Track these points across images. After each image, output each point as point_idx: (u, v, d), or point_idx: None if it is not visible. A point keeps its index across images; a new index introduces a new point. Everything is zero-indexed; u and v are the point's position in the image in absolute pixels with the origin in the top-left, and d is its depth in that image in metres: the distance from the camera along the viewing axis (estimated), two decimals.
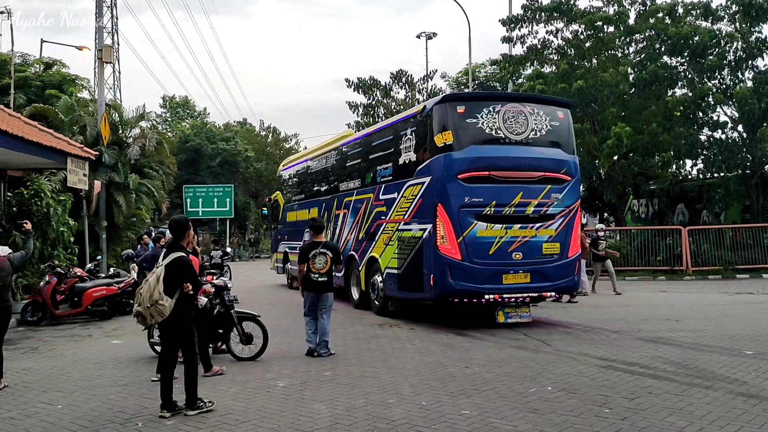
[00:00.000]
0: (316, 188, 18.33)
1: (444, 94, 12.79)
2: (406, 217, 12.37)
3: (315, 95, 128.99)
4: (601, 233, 18.11)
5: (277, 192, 22.89)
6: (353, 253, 14.59)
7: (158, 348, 9.52)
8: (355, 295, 14.95)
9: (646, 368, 8.05)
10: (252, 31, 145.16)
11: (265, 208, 25.54)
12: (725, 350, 9.09)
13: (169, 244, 7.00)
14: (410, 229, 12.19)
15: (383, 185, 13.53)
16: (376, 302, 13.75)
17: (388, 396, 7.01)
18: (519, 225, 11.42)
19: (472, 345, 10.09)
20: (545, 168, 11.68)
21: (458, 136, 11.36)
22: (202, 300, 9.26)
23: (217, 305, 9.29)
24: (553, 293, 11.81)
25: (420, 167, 11.98)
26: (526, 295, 11.48)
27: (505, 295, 11.34)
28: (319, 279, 9.52)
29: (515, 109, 11.70)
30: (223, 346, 9.42)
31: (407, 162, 12.55)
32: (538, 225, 11.54)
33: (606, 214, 30.10)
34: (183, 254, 6.68)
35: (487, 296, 11.22)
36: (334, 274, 9.90)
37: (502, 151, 11.50)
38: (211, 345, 9.51)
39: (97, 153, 17.50)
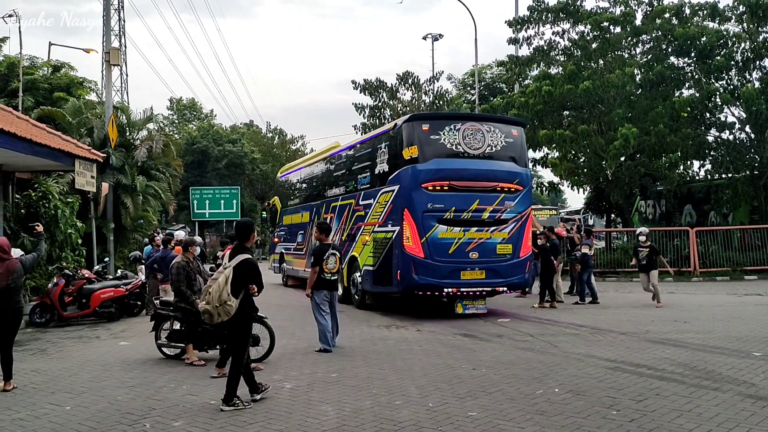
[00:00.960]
0: (308, 194, 19.84)
1: (412, 114, 14.49)
2: (380, 220, 13.95)
3: (321, 96, 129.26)
4: (642, 237, 15.14)
5: (276, 197, 24.11)
6: None
7: (166, 350, 9.60)
8: (339, 291, 15.56)
9: (653, 370, 8.03)
10: (258, 33, 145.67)
11: (264, 212, 27.13)
12: (733, 352, 9.05)
13: (235, 247, 7.18)
14: (383, 231, 13.76)
15: (362, 192, 15.13)
16: (356, 296, 15.24)
17: (395, 397, 7.01)
18: (476, 228, 13.04)
19: (479, 346, 10.08)
20: (499, 179, 13.28)
21: (423, 150, 13.01)
22: None
23: None
24: (506, 288, 13.59)
25: (391, 177, 13.63)
26: (481, 289, 13.17)
27: (462, 289, 13.03)
28: (332, 278, 10.04)
29: (474, 127, 13.39)
30: None
31: (381, 172, 14.18)
32: (492, 228, 13.14)
33: (613, 215, 30.01)
34: (250, 256, 6.96)
35: (446, 290, 12.91)
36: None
37: (461, 164, 13.11)
38: (218, 346, 9.56)
39: (105, 155, 17.53)
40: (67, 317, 13.56)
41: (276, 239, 23.07)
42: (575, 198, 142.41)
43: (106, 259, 18.11)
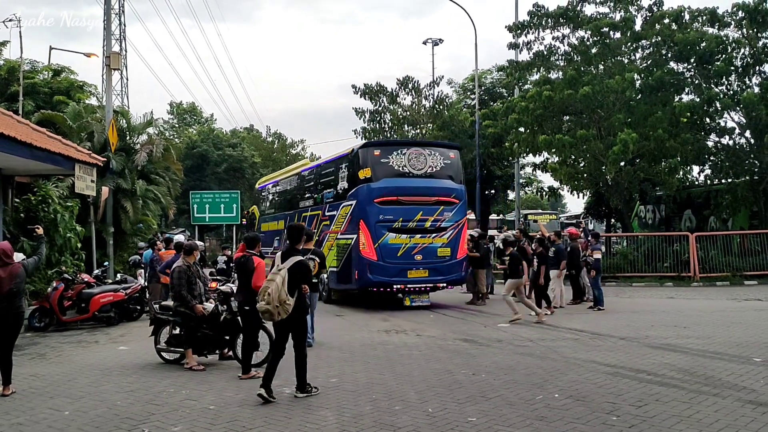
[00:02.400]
0: (282, 204, 22.02)
1: (365, 142, 17.37)
2: (342, 229, 16.22)
3: (322, 101, 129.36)
4: (500, 244, 16.15)
5: (254, 206, 26.02)
6: None
7: (165, 354, 9.59)
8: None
9: (654, 375, 8.01)
10: (259, 38, 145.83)
11: (244, 219, 29.08)
12: (733, 358, 9.03)
13: (287, 249, 7.61)
14: (344, 238, 15.99)
15: (328, 204, 17.43)
16: (323, 293, 16.87)
17: (395, 403, 7.00)
18: (420, 235, 15.54)
19: (479, 351, 10.07)
20: (439, 194, 15.78)
21: (375, 171, 15.51)
22: (209, 307, 9.31)
23: (223, 312, 9.31)
24: (446, 284, 16.09)
25: (350, 193, 16.04)
26: (425, 285, 15.69)
27: (409, 285, 15.53)
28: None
29: (417, 152, 15.92)
30: (230, 353, 9.43)
31: (342, 189, 16.54)
32: (434, 235, 15.65)
33: (613, 220, 30.01)
34: (302, 258, 7.48)
35: (396, 286, 15.39)
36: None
37: (406, 182, 15.62)
38: (217, 351, 9.55)
39: (105, 159, 17.55)
40: (66, 322, 13.54)
41: None
42: (575, 203, 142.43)
43: (106, 263, 18.09)
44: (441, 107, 33.07)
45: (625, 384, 7.60)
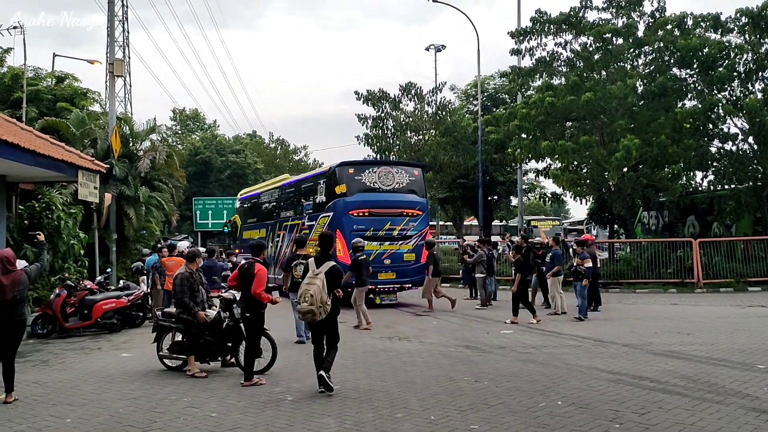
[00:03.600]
0: (264, 214, 23.90)
1: (342, 161, 18.75)
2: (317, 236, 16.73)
3: (324, 107, 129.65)
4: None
5: (236, 215, 27.67)
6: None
7: (167, 361, 9.58)
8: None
9: (656, 382, 7.99)
10: (262, 44, 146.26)
11: (226, 227, 30.57)
12: (737, 364, 9.00)
13: (321, 255, 8.27)
14: None
15: (307, 215, 19.45)
16: None
17: (397, 410, 6.98)
18: (389, 242, 17.70)
19: (482, 358, 10.05)
20: (405, 207, 18.12)
21: (349, 187, 17.70)
22: (211, 313, 9.31)
23: (226, 318, 9.31)
24: (411, 285, 18.23)
25: (327, 205, 18.19)
26: (392, 286, 17.86)
27: (379, 286, 17.44)
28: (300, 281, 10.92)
29: (386, 170, 18.31)
30: (232, 360, 9.43)
31: (321, 202, 18.69)
32: (401, 242, 17.88)
33: (616, 227, 29.96)
34: (335, 264, 8.15)
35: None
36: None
37: (377, 197, 17.89)
38: (219, 358, 9.55)
39: (108, 166, 17.58)
40: (69, 328, 13.54)
41: (237, 251, 23.88)
42: (579, 209, 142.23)
43: (108, 269, 18.09)
44: (444, 113, 33.07)
45: (627, 391, 7.58)
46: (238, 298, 9.46)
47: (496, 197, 36.96)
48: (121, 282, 16.49)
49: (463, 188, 33.50)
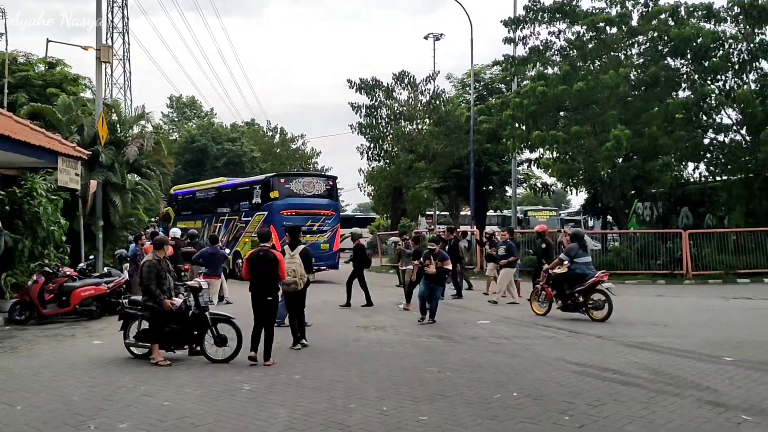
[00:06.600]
0: (200, 209, 27.67)
1: (276, 173, 24.17)
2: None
3: (326, 96, 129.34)
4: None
5: (169, 207, 30.39)
6: (227, 249, 20.87)
7: (134, 349, 9.53)
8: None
9: (619, 374, 7.91)
10: (263, 33, 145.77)
11: (158, 217, 32.56)
12: (704, 357, 8.92)
13: (293, 241, 10.53)
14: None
15: (244, 213, 24.09)
16: (238, 273, 20.19)
17: (352, 400, 6.93)
18: (310, 235, 21.39)
19: (451, 348, 9.99)
20: (321, 208, 23.12)
21: (280, 192, 22.62)
22: (177, 302, 9.24)
23: (192, 307, 9.25)
24: (325, 267, 22.32)
25: (262, 206, 22.90)
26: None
27: None
28: None
29: (308, 180, 23.84)
30: (198, 348, 9.36)
31: (257, 203, 23.40)
32: (318, 235, 22.49)
33: (609, 218, 29.82)
34: (306, 246, 10.60)
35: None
36: None
37: (301, 201, 22.76)
38: (185, 346, 9.48)
39: (91, 153, 17.43)
40: (47, 315, 13.45)
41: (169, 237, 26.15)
42: (579, 199, 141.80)
43: (92, 256, 17.98)
44: (438, 102, 32.88)
45: (587, 383, 7.51)
46: (203, 287, 9.43)
47: (491, 187, 36.77)
48: (106, 269, 16.43)
49: (457, 178, 33.32)
